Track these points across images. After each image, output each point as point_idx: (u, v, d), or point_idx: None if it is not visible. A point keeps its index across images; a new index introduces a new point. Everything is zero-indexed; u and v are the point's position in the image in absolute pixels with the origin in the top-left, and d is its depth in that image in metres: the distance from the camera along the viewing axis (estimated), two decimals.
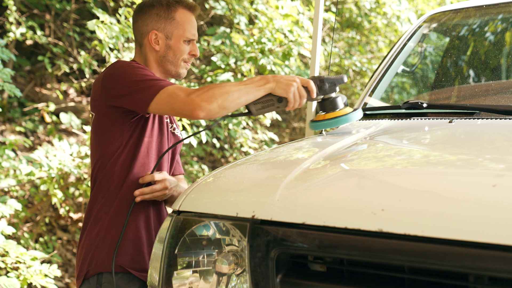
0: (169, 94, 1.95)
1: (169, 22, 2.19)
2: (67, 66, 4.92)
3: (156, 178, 2.07)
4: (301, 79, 2.03)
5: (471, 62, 2.80)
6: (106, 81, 2.06)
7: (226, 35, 4.75)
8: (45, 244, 4.36)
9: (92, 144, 2.15)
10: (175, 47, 2.19)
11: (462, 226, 1.26)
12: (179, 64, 2.21)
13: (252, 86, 1.98)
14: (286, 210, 1.49)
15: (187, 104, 1.93)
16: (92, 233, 2.06)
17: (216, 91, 1.93)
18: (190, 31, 2.21)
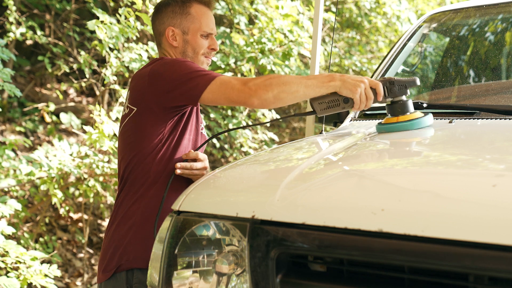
0: (223, 82, 1.97)
1: (185, 18, 2.22)
2: (67, 66, 4.93)
3: (200, 157, 2.13)
4: (370, 81, 1.97)
5: (471, 62, 2.80)
6: (155, 77, 2.07)
7: (226, 35, 4.76)
8: (45, 244, 4.36)
9: (126, 139, 2.16)
10: (193, 42, 2.22)
11: (462, 226, 1.26)
12: (199, 59, 2.23)
13: (315, 82, 1.94)
14: (286, 210, 1.49)
15: (243, 92, 1.94)
16: (123, 228, 2.06)
17: (274, 81, 1.92)
18: (207, 24, 2.23)
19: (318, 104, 1.98)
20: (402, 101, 2.03)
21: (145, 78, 2.09)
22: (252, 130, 5.62)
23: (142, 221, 2.04)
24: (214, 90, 1.97)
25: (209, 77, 1.98)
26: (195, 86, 1.98)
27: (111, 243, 2.09)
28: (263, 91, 1.92)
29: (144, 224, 2.04)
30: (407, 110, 2.03)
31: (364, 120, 2.44)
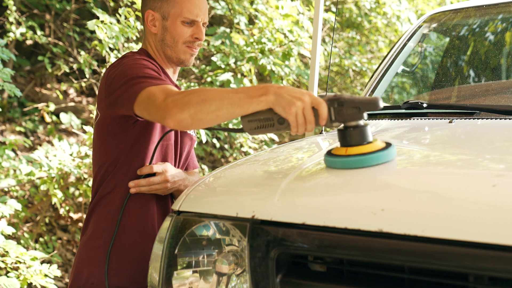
0: (148, 95, 1.70)
1: (166, 1, 1.98)
2: (67, 66, 4.92)
3: (155, 170, 1.89)
4: (313, 98, 1.54)
5: (471, 62, 2.80)
6: (104, 82, 1.90)
7: (226, 35, 4.76)
8: (45, 244, 4.36)
9: (93, 148, 2.01)
10: (172, 29, 1.98)
11: (462, 226, 1.26)
12: (180, 48, 1.99)
13: (242, 97, 1.56)
14: (286, 210, 1.49)
15: (160, 109, 1.64)
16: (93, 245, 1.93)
17: (194, 98, 1.59)
18: (190, 10, 1.97)
19: (247, 122, 1.60)
20: (354, 127, 1.55)
21: (103, 81, 1.91)
22: None
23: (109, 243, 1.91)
24: (140, 103, 1.72)
25: (139, 87, 1.73)
26: (127, 98, 1.76)
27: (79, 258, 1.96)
28: (178, 110, 1.60)
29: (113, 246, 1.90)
30: (362, 140, 1.55)
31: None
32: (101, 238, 1.93)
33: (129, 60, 1.90)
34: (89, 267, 1.93)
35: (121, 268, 1.92)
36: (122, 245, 1.93)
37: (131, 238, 1.94)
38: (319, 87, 5.50)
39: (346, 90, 6.97)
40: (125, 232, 1.94)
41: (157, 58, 2.03)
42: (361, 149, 1.54)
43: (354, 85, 7.04)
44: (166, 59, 2.03)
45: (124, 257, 1.93)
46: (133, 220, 1.94)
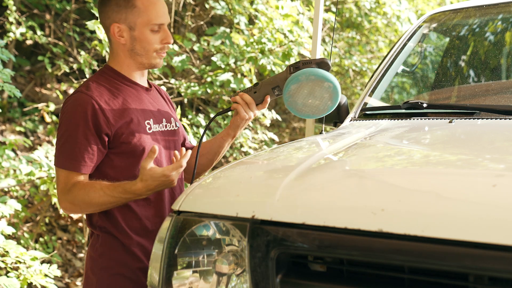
0: (57, 176, 1.98)
1: (131, 11, 1.98)
2: (67, 66, 4.92)
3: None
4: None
5: (471, 62, 2.80)
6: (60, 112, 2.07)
7: (226, 35, 4.75)
8: (45, 244, 4.36)
9: None
10: (142, 38, 2.00)
11: (462, 226, 1.26)
12: (151, 56, 2.03)
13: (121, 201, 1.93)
14: (286, 210, 1.49)
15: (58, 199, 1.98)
16: (91, 256, 2.06)
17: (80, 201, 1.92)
18: (156, 16, 1.99)
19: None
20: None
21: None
22: (252, 130, 5.62)
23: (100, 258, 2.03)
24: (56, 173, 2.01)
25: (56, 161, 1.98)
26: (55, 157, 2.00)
27: (85, 270, 2.08)
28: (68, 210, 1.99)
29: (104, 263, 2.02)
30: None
31: (364, 120, 2.43)
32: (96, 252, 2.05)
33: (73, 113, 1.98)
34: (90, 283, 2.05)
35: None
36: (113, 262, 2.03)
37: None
38: None
39: (346, 90, 6.97)
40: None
41: (125, 68, 2.07)
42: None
43: (354, 85, 7.04)
44: (137, 66, 2.06)
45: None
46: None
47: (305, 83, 1.95)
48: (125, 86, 2.06)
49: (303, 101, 1.99)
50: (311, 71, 1.95)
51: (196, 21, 5.84)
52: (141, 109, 2.05)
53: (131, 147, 1.99)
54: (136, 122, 2.01)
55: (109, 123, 1.96)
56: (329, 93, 1.96)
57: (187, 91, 4.67)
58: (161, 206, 2.06)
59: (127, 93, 2.05)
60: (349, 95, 6.88)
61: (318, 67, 1.98)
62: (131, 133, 1.99)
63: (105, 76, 2.06)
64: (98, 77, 2.07)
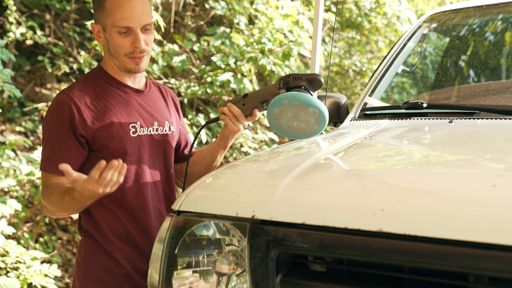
0: (41, 178, 1.98)
1: (101, 12, 1.93)
2: (67, 66, 4.92)
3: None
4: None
5: (471, 62, 2.80)
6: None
7: (226, 35, 4.76)
8: (45, 244, 4.36)
9: None
10: (111, 40, 1.94)
11: (462, 226, 1.26)
12: (122, 60, 1.96)
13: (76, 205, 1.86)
14: (286, 210, 1.49)
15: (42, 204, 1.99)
16: (76, 270, 2.04)
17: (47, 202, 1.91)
18: (121, 18, 1.89)
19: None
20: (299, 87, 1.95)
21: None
22: (252, 130, 5.62)
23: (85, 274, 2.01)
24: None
25: (41, 164, 1.97)
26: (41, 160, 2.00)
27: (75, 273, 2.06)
28: (49, 213, 1.98)
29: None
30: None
31: (364, 120, 2.43)
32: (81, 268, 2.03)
33: (52, 114, 1.96)
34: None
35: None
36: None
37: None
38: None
39: (346, 90, 6.97)
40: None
41: (111, 69, 2.04)
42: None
43: (354, 85, 7.04)
44: (118, 69, 2.02)
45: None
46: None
47: (288, 108, 1.87)
48: (112, 88, 2.02)
49: (288, 123, 1.92)
50: (294, 96, 1.85)
51: (196, 21, 5.84)
52: (126, 112, 2.00)
53: (110, 151, 1.94)
54: (117, 125, 1.96)
55: (86, 125, 1.93)
56: (314, 118, 1.88)
57: (187, 91, 4.68)
58: (146, 212, 2.01)
59: (113, 95, 2.01)
60: (349, 95, 6.89)
61: (309, 84, 1.90)
62: (110, 136, 1.94)
63: (94, 77, 2.04)
64: (87, 77, 2.04)
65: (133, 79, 2.08)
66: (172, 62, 4.67)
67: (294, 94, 1.85)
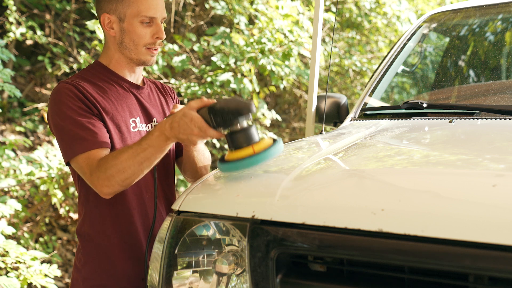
0: (78, 165, 1.83)
1: (121, 1, 1.90)
2: (67, 66, 4.92)
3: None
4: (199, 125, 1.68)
5: (471, 62, 2.80)
6: (47, 110, 1.94)
7: (226, 35, 4.75)
8: (45, 244, 4.36)
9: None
10: (131, 31, 1.91)
11: (462, 226, 1.26)
12: (140, 51, 1.94)
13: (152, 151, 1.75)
14: (286, 210, 1.49)
15: (93, 185, 1.81)
16: (75, 271, 2.01)
17: (114, 171, 1.75)
18: (147, 8, 1.89)
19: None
20: (240, 131, 1.67)
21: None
22: None
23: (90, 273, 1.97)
24: (74, 167, 1.87)
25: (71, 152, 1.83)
26: (63, 153, 1.87)
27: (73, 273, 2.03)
28: (107, 188, 1.78)
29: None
30: (245, 143, 1.67)
31: (364, 120, 2.43)
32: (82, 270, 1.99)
33: (60, 101, 1.87)
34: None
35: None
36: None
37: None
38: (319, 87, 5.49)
39: (346, 90, 6.96)
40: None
41: (114, 63, 2.00)
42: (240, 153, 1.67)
43: (354, 85, 7.04)
44: (126, 61, 1.98)
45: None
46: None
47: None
48: (111, 82, 1.98)
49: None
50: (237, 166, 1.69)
51: (196, 21, 5.84)
52: (126, 107, 1.97)
53: (113, 144, 1.90)
54: (119, 118, 1.93)
55: (95, 107, 1.89)
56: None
57: (187, 91, 4.67)
58: (145, 210, 2.00)
59: (113, 89, 1.97)
60: (349, 95, 6.89)
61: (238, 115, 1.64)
62: (113, 128, 1.92)
63: (92, 71, 1.99)
64: (84, 72, 2.00)
65: (134, 74, 2.04)
66: (172, 62, 4.67)
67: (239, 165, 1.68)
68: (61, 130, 1.86)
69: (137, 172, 1.78)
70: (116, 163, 1.76)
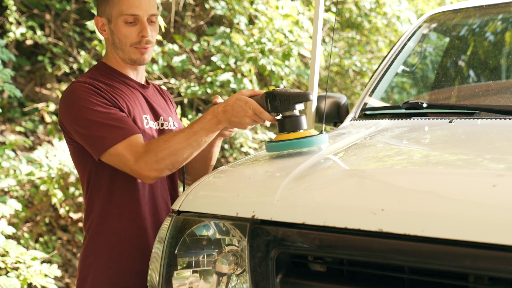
0: (116, 154, 1.81)
1: (107, 3, 1.94)
2: (67, 66, 4.92)
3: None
4: (254, 108, 1.80)
5: (471, 62, 2.80)
6: (61, 108, 1.92)
7: (226, 35, 4.75)
8: (45, 244, 4.36)
9: (73, 162, 2.04)
10: (117, 31, 1.94)
11: (462, 226, 1.26)
12: (129, 50, 1.96)
13: (203, 134, 1.81)
14: (286, 210, 1.49)
15: (136, 173, 1.81)
16: (86, 262, 1.98)
17: (165, 153, 1.78)
18: (128, 6, 1.91)
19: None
20: (293, 116, 1.82)
21: (59, 103, 1.94)
22: (252, 130, 5.62)
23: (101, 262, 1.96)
24: (110, 159, 1.84)
25: (107, 143, 1.81)
26: (94, 147, 1.84)
27: (80, 270, 2.01)
28: (155, 172, 1.80)
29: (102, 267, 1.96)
30: (297, 127, 1.82)
31: (364, 120, 2.43)
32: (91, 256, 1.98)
33: (81, 96, 1.87)
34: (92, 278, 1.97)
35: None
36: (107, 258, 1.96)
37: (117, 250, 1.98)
38: (319, 87, 5.50)
39: (346, 90, 6.96)
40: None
41: (115, 63, 2.02)
42: (299, 134, 1.82)
43: (354, 85, 7.04)
44: (122, 61, 2.01)
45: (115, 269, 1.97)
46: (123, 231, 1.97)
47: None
48: (119, 81, 2.01)
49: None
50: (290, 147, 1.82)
51: (196, 21, 5.84)
52: (138, 103, 2.00)
53: None
54: (136, 114, 1.96)
55: (117, 103, 1.91)
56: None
57: (187, 91, 4.68)
58: (156, 206, 2.01)
59: (123, 87, 2.00)
60: (349, 95, 6.88)
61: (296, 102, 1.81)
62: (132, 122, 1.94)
63: (99, 72, 2.02)
64: (92, 72, 2.02)
65: (137, 73, 2.07)
66: (172, 62, 4.68)
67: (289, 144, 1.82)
68: (91, 125, 1.84)
69: (188, 155, 1.82)
70: (168, 145, 1.79)
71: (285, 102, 1.80)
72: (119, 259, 1.95)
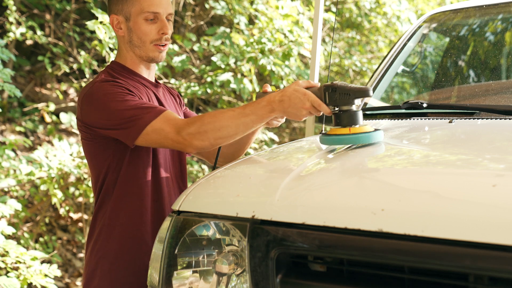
0: (155, 130, 1.81)
1: (125, 1, 1.97)
2: (67, 66, 4.92)
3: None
4: (312, 100, 1.77)
5: (471, 62, 2.80)
6: (86, 109, 1.92)
7: (226, 35, 4.75)
8: (45, 244, 4.36)
9: (86, 155, 2.05)
10: (136, 29, 1.96)
11: (462, 226, 1.26)
12: (148, 47, 1.98)
13: (254, 119, 1.79)
14: (286, 210, 1.49)
15: (177, 142, 1.81)
16: (93, 259, 2.01)
17: (209, 127, 1.78)
18: (150, 4, 1.94)
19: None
20: (351, 111, 1.79)
21: (78, 105, 1.96)
22: None
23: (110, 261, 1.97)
24: (147, 138, 1.83)
25: (142, 122, 1.81)
26: (128, 133, 1.84)
27: (86, 268, 2.02)
28: (198, 141, 1.79)
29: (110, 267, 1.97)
30: (355, 122, 1.80)
31: (363, 120, 2.43)
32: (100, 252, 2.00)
33: (106, 91, 1.89)
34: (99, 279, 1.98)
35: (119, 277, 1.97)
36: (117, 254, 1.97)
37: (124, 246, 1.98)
38: None
39: None
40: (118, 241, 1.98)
41: (129, 62, 2.04)
42: (363, 129, 1.80)
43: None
44: (137, 59, 2.03)
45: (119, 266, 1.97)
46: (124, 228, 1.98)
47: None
48: (134, 80, 2.03)
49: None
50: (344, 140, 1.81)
51: (196, 21, 5.84)
52: (153, 101, 2.03)
53: None
54: None
55: (139, 96, 1.94)
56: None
57: (187, 91, 4.68)
58: (166, 203, 2.02)
59: (137, 86, 2.02)
60: None
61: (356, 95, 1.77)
62: None
63: (115, 71, 2.03)
64: (107, 71, 2.03)
65: (149, 72, 2.09)
66: (172, 62, 4.67)
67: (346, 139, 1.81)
68: (123, 113, 1.84)
69: (232, 134, 1.81)
70: (214, 120, 1.79)
71: (345, 96, 1.77)
72: (130, 254, 1.96)
